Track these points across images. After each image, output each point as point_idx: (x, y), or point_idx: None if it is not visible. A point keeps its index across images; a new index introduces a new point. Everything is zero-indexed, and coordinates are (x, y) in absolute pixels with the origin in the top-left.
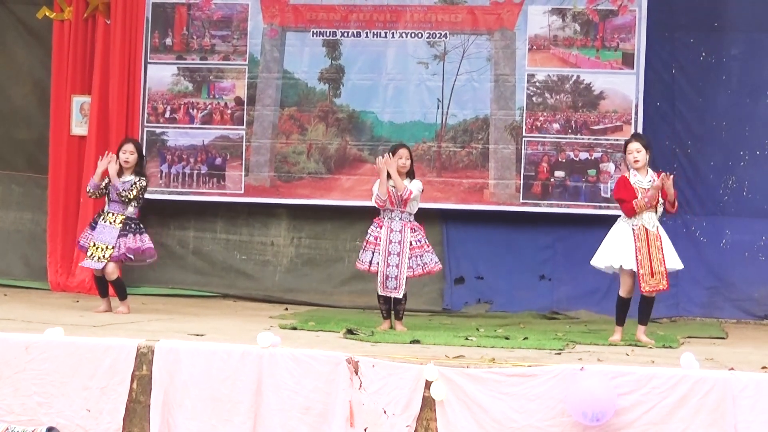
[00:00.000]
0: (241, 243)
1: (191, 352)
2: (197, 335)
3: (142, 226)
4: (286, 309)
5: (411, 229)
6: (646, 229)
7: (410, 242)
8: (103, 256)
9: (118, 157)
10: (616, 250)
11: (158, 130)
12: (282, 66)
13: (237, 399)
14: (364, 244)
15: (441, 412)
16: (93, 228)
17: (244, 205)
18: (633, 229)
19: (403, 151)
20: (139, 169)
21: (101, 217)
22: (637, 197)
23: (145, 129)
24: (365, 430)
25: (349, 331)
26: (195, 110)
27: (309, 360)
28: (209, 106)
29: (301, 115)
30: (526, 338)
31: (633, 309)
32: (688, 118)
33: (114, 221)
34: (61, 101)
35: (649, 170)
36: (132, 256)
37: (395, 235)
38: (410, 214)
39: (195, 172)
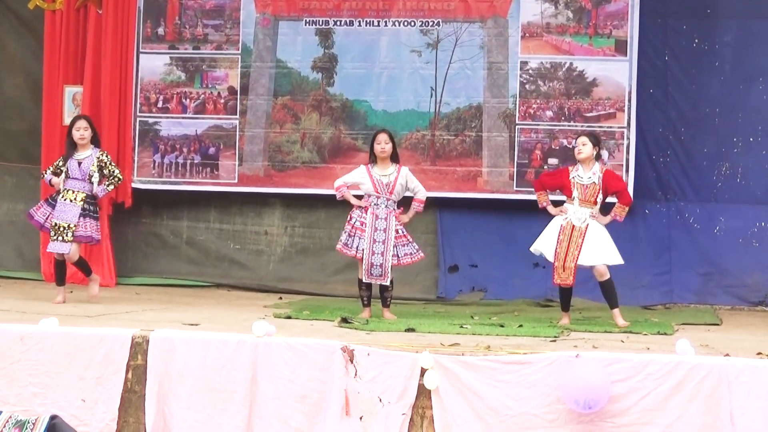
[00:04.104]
0: (234, 232)
1: (186, 341)
2: (192, 325)
3: (98, 209)
4: (281, 298)
5: (396, 217)
6: (573, 225)
7: (396, 230)
8: (67, 237)
9: (70, 134)
10: (548, 241)
11: (151, 120)
12: (275, 55)
13: (232, 388)
14: (349, 228)
15: (437, 400)
16: (51, 205)
17: (238, 195)
18: (561, 224)
19: (381, 136)
20: (97, 144)
21: (60, 195)
22: (544, 191)
23: (138, 119)
24: (361, 418)
25: (344, 320)
26: (188, 100)
27: (304, 349)
28: (202, 96)
29: (295, 104)
30: (520, 326)
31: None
32: (682, 105)
33: (74, 199)
34: (53, 92)
35: (596, 165)
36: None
37: (380, 222)
38: (395, 202)
39: (188, 161)
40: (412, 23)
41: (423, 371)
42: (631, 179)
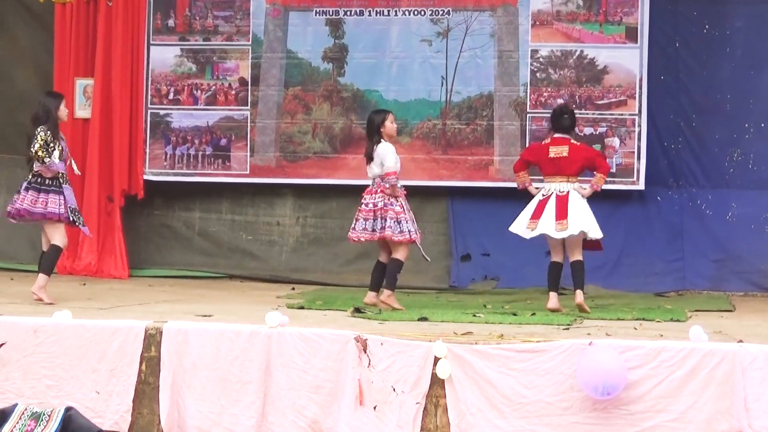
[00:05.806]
0: (247, 223)
1: (199, 333)
2: (205, 316)
3: (50, 183)
4: (293, 289)
5: (382, 191)
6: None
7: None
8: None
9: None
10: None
11: (162, 112)
12: (285, 46)
13: (246, 379)
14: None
15: (450, 389)
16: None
17: (250, 186)
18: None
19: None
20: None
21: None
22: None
23: (149, 111)
24: (375, 408)
25: (357, 310)
26: (199, 91)
27: (317, 339)
28: (213, 87)
29: (306, 94)
30: (533, 314)
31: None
32: (693, 92)
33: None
34: (64, 84)
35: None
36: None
37: (379, 201)
38: (381, 178)
39: (200, 153)
40: (422, 12)
41: (436, 360)
42: (642, 166)
